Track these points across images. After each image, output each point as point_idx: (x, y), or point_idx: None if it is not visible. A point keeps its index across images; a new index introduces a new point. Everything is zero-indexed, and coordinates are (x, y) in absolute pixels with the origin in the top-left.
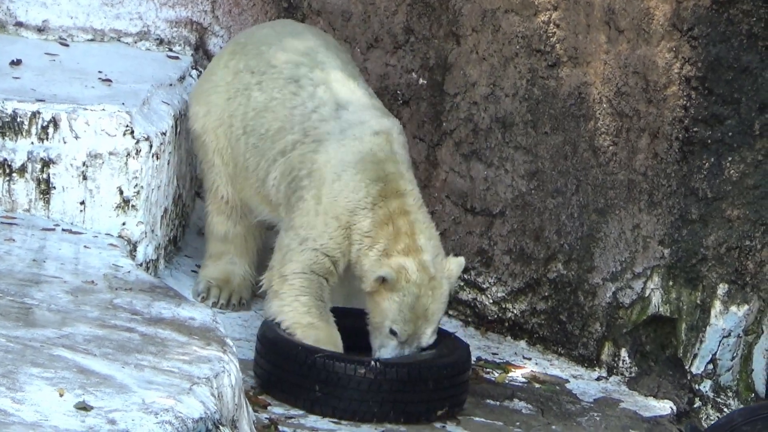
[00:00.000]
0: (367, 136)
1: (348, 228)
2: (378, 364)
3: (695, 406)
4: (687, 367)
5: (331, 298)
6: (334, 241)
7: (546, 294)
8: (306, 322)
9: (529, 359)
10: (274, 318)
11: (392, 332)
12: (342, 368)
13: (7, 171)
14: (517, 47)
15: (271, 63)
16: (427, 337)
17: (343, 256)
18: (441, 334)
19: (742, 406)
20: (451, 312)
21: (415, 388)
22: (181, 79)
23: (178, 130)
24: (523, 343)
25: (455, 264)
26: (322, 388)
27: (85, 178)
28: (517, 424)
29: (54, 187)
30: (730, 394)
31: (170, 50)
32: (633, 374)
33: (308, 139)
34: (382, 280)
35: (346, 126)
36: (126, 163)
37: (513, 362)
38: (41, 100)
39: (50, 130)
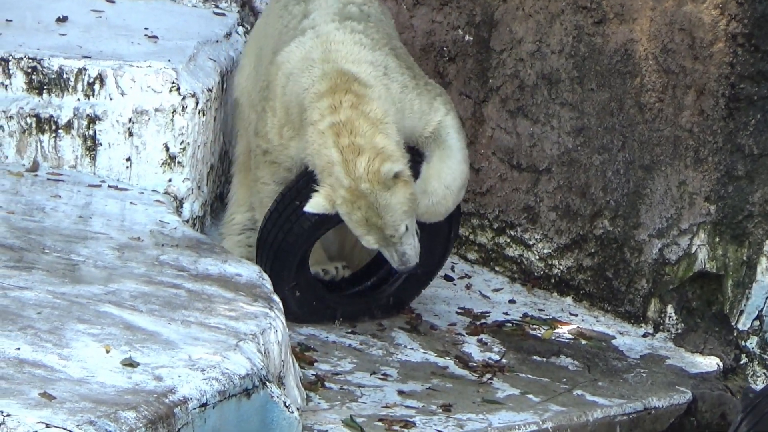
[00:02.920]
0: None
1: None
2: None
3: (741, 362)
4: (733, 324)
5: None
6: (291, 150)
7: (592, 250)
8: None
9: (576, 315)
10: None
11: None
12: None
13: (54, 128)
14: (564, 4)
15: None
16: None
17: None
18: None
19: None
20: (497, 268)
21: None
22: (228, 35)
23: (225, 86)
24: (569, 300)
25: None
26: None
27: (131, 134)
28: (564, 380)
29: (100, 144)
30: None
31: (216, 7)
32: (679, 331)
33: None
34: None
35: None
36: (172, 120)
37: (559, 318)
38: (87, 57)
39: (96, 86)
